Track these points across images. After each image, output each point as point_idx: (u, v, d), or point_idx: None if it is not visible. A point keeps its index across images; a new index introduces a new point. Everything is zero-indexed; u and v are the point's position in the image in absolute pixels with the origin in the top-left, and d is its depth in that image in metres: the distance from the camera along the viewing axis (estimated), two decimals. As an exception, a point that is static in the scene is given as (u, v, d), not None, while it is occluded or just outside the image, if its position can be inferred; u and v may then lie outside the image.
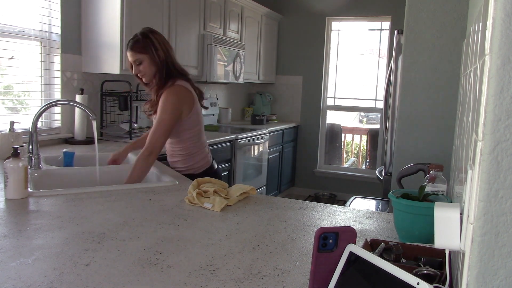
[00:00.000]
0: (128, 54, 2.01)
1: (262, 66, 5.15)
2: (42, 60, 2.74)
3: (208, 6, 3.86)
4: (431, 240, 1.06)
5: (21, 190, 1.49)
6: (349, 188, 5.31)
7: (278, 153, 4.93)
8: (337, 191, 5.39)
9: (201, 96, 2.16)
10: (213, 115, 4.59)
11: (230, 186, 1.68)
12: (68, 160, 2.16)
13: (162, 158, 2.29)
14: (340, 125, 5.77)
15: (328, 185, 5.46)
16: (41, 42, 2.74)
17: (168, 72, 2.02)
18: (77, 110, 2.84)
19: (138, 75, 2.03)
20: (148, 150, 1.93)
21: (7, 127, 2.25)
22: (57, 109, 2.87)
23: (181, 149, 2.11)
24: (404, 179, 2.00)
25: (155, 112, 2.05)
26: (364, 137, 5.89)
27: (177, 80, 2.04)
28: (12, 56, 2.58)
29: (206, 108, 2.38)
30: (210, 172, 2.21)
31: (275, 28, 5.44)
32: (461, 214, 0.70)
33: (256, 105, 5.46)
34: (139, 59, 1.98)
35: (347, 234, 0.76)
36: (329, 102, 5.52)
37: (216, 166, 2.30)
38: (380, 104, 4.39)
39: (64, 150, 2.26)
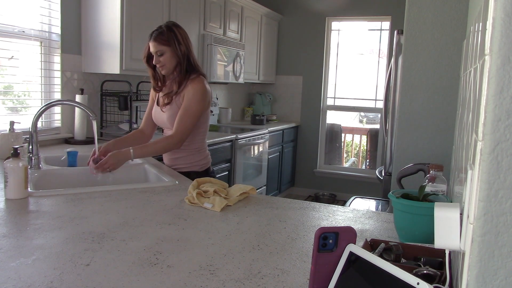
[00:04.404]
0: (151, 44, 2.02)
1: (262, 66, 5.15)
2: (42, 60, 2.74)
3: (208, 6, 3.86)
4: (431, 240, 1.06)
5: (21, 190, 1.49)
6: (349, 188, 5.30)
7: (278, 153, 4.93)
8: (337, 191, 5.39)
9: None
10: (213, 115, 4.59)
11: (230, 186, 1.68)
12: (72, 160, 2.17)
13: (159, 158, 2.28)
14: (340, 125, 5.76)
15: (328, 185, 5.46)
16: (41, 42, 2.74)
17: (188, 67, 2.05)
18: (77, 110, 2.84)
19: (158, 66, 2.04)
20: (176, 138, 1.96)
21: (7, 127, 2.25)
22: (57, 109, 2.87)
23: (189, 143, 2.10)
24: (404, 179, 2.00)
25: (168, 102, 2.06)
26: (364, 137, 5.89)
27: (200, 75, 2.06)
28: (12, 56, 2.57)
29: (211, 112, 2.38)
30: (209, 172, 2.22)
31: (275, 28, 5.44)
32: (461, 214, 0.70)
33: (256, 105, 5.45)
34: (161, 50, 2.00)
35: (347, 234, 0.76)
36: (329, 102, 5.52)
37: (211, 169, 2.31)
38: (380, 104, 4.39)
39: (67, 150, 2.26)
